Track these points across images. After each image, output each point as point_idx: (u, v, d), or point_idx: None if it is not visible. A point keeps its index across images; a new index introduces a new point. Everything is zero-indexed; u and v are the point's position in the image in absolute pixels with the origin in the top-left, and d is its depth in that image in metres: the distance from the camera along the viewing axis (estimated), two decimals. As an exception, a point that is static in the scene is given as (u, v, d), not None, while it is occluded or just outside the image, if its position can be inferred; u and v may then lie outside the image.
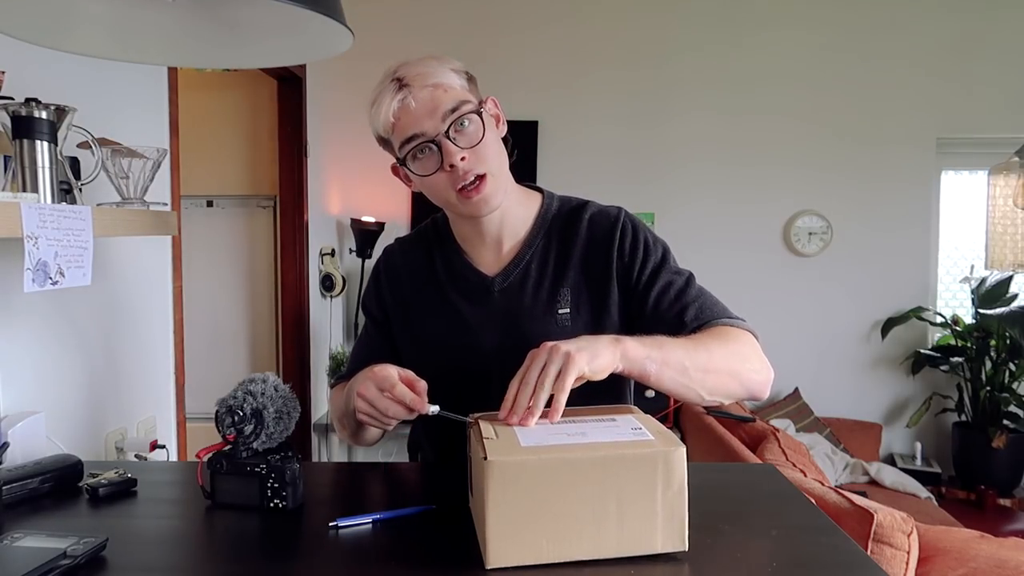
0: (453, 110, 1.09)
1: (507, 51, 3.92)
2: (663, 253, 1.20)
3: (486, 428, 0.88)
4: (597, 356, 0.94)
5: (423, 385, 1.01)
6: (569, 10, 3.94)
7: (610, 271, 1.19)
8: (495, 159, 1.13)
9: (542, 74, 3.92)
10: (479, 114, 1.11)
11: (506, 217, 1.20)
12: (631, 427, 0.88)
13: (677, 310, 1.15)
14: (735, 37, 3.92)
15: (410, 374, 1.02)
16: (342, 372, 1.35)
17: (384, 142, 1.17)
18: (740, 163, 3.96)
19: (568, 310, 1.18)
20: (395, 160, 1.17)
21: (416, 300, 1.26)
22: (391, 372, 1.00)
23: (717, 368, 1.05)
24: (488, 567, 0.78)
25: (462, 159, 1.09)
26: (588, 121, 3.95)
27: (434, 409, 0.98)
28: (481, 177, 1.11)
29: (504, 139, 1.20)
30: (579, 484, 0.79)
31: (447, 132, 1.08)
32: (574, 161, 3.95)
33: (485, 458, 0.79)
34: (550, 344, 0.94)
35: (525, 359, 0.95)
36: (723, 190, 3.97)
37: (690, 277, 1.20)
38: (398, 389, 0.98)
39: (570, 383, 0.90)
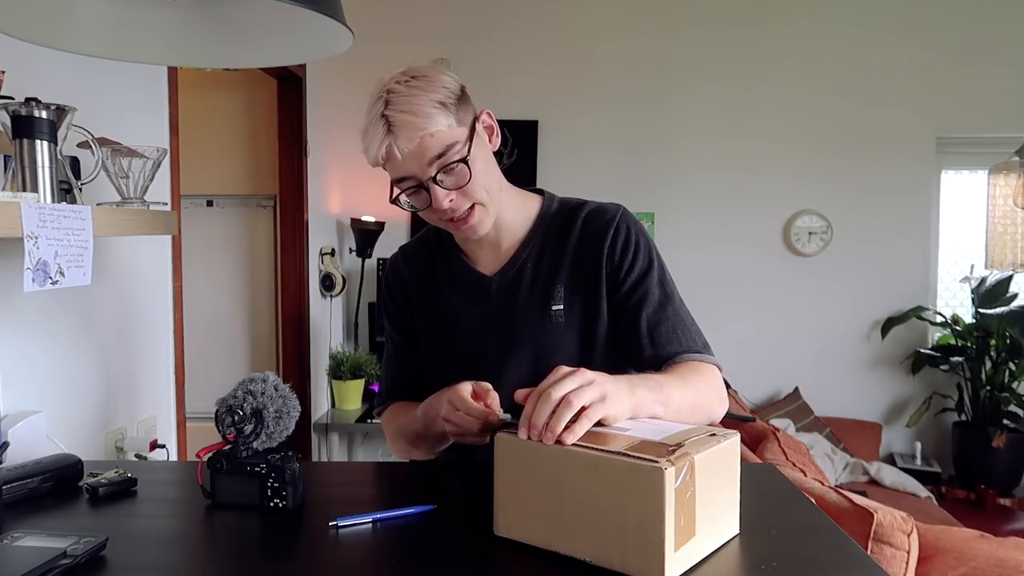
0: (440, 155, 1.09)
1: (507, 51, 3.92)
2: (651, 260, 1.20)
3: None
4: (620, 403, 0.89)
5: (493, 396, 1.02)
6: (569, 10, 3.93)
7: (600, 268, 1.19)
8: (484, 188, 1.14)
9: (542, 74, 3.92)
10: (465, 161, 1.10)
11: (502, 222, 1.22)
12: (668, 432, 0.84)
13: (650, 323, 1.17)
14: (735, 37, 3.92)
15: (483, 385, 1.03)
16: (381, 396, 1.38)
17: None
18: (740, 163, 3.96)
19: (561, 307, 1.19)
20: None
21: (419, 302, 1.30)
22: (462, 391, 1.02)
23: (699, 407, 1.08)
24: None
25: (450, 200, 1.11)
26: (588, 121, 3.95)
27: (506, 417, 1.00)
28: (471, 208, 1.14)
29: (503, 140, 1.21)
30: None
31: (435, 177, 1.09)
32: (574, 161, 3.95)
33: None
34: (591, 373, 0.87)
35: (550, 373, 0.88)
36: (723, 189, 3.97)
37: (672, 293, 1.21)
38: (467, 405, 1.01)
39: (597, 418, 0.84)
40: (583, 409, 0.83)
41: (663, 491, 0.72)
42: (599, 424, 0.85)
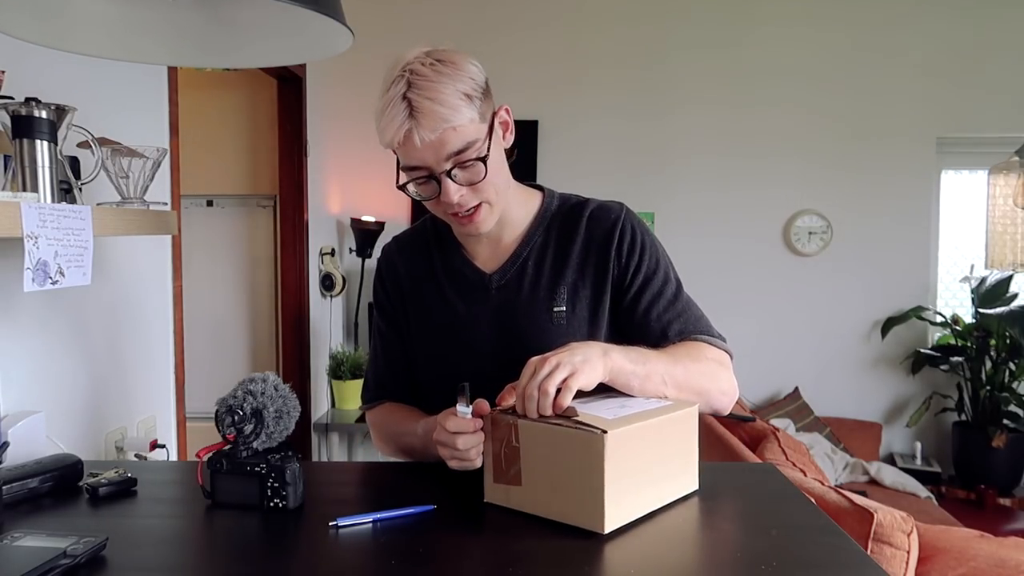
0: (459, 152, 1.06)
1: (507, 51, 3.91)
2: (658, 258, 1.21)
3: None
4: (594, 370, 0.96)
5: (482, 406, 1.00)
6: (569, 9, 3.93)
7: (607, 270, 1.19)
8: (494, 187, 1.12)
9: (542, 74, 3.92)
10: (484, 159, 1.08)
11: (504, 218, 1.20)
12: (632, 411, 0.94)
13: (664, 322, 1.18)
14: (735, 36, 3.92)
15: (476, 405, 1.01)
16: (368, 392, 1.37)
17: None
18: (740, 162, 3.96)
19: (563, 308, 1.18)
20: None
21: (415, 297, 1.27)
22: (447, 436, 0.99)
23: (690, 386, 1.08)
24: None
25: (460, 195, 1.09)
26: (588, 120, 3.95)
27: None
28: (477, 205, 1.12)
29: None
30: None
31: (449, 171, 1.07)
32: (574, 160, 3.95)
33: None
34: (552, 357, 0.95)
35: (523, 369, 0.96)
36: (723, 189, 3.97)
37: (679, 287, 1.21)
38: (460, 442, 0.98)
39: (576, 388, 0.92)
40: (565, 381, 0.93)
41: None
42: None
